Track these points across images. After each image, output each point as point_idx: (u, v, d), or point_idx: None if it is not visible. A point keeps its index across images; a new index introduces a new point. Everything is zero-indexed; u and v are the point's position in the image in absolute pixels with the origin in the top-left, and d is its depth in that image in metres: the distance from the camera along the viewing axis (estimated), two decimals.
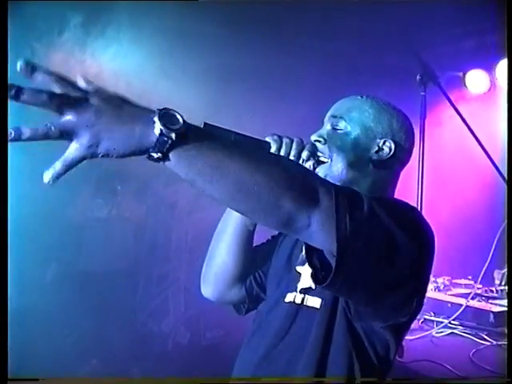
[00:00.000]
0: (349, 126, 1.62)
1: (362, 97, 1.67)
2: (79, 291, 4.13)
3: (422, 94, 3.25)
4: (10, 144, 0.98)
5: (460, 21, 3.77)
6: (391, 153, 1.59)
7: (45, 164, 1.01)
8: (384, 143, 1.60)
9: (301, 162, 1.52)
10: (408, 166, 1.69)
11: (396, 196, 1.64)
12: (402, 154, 1.63)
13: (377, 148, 1.59)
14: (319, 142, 1.60)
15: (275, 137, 1.49)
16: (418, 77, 3.20)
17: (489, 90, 4.36)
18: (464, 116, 3.22)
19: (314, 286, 1.49)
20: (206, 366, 3.25)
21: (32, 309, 3.84)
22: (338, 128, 1.62)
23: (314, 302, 1.49)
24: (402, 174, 1.67)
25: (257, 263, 1.76)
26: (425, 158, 3.21)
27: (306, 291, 1.52)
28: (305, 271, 1.54)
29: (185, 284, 4.86)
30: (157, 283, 5.40)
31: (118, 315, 4.52)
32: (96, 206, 4.56)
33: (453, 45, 4.21)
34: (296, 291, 1.55)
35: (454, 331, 2.88)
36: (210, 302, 1.81)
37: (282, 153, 1.49)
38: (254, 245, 1.75)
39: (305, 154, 1.52)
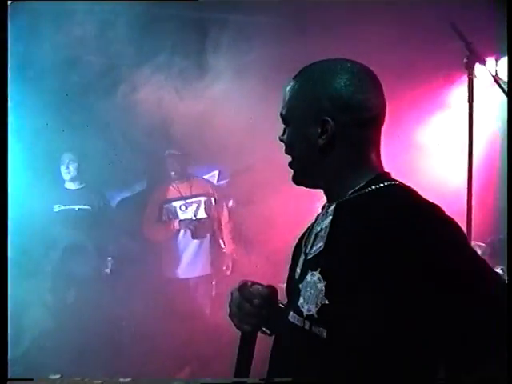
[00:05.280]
0: (287, 117, 1.46)
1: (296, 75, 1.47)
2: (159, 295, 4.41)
3: (470, 76, 3.18)
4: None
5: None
6: (330, 130, 1.37)
7: None
8: (324, 123, 1.37)
9: None
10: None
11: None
12: (356, 118, 1.37)
13: (318, 131, 1.38)
14: (282, 141, 1.49)
15: None
16: (464, 59, 3.13)
17: None
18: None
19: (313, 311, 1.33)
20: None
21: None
22: (284, 122, 1.49)
23: (319, 330, 1.32)
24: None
25: None
26: (474, 141, 3.15)
27: (308, 317, 1.34)
28: (304, 288, 1.38)
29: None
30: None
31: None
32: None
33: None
34: (296, 311, 1.39)
35: None
36: None
37: None
38: None
39: None
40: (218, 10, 4.52)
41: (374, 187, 1.37)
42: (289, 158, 1.48)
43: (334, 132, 1.37)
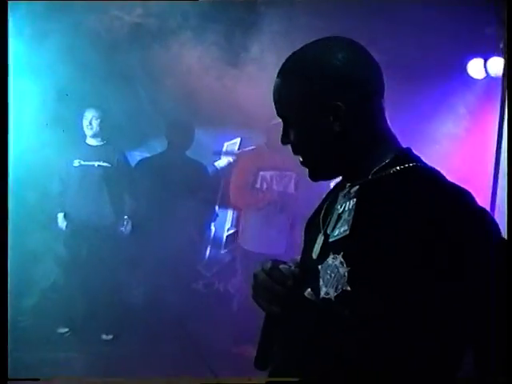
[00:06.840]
0: (288, 116, 1.37)
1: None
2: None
3: (506, 62, 3.11)
4: None
5: None
6: (343, 114, 1.28)
7: None
8: (335, 109, 1.29)
9: None
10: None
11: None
12: (362, 93, 1.31)
13: (331, 119, 1.30)
14: (287, 143, 1.39)
15: None
16: (500, 45, 3.05)
17: None
18: None
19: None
20: None
21: None
22: (284, 122, 1.38)
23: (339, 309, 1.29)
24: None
25: None
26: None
27: (325, 300, 1.30)
28: (324, 271, 1.33)
29: None
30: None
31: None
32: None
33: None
34: (313, 290, 1.35)
35: None
36: None
37: None
38: None
39: None
40: None
41: (399, 168, 1.30)
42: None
43: (346, 114, 1.29)
